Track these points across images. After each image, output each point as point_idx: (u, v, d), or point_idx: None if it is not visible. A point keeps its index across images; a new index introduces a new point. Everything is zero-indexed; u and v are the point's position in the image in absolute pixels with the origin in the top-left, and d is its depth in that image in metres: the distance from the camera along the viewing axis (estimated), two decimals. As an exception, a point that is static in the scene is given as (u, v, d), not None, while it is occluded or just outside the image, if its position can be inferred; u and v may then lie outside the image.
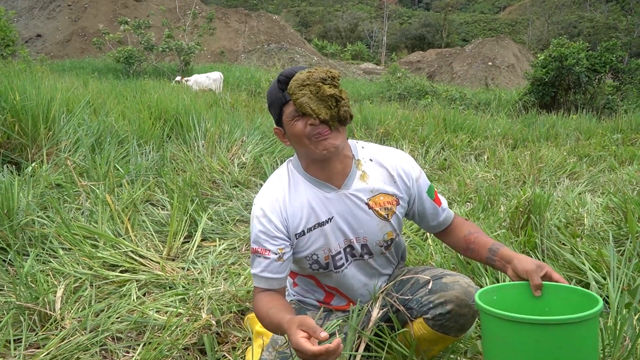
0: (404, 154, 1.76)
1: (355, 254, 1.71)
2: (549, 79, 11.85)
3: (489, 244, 1.64)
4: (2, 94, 3.87)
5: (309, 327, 1.27)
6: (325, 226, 1.64)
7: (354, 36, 59.09)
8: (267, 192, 1.64)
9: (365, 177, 1.66)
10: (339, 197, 1.63)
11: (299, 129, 1.51)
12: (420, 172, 1.74)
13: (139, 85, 8.93)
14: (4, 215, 2.69)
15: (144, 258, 2.71)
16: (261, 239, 1.59)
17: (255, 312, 1.59)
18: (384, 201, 1.67)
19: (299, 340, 1.24)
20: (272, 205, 1.61)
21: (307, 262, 1.68)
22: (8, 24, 12.61)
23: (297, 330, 1.27)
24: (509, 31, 59.56)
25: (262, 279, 1.59)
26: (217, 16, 28.16)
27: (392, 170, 1.68)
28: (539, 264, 1.48)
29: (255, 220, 1.61)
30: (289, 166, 1.70)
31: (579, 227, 3.26)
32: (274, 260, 1.58)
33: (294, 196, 1.63)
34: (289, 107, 1.52)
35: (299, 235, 1.63)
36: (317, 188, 1.63)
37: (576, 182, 4.91)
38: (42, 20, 30.65)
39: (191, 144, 4.99)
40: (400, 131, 6.39)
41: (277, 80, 1.54)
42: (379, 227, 1.68)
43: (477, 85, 25.80)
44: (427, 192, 1.73)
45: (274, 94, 1.56)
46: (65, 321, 2.06)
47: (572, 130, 8.08)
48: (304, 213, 1.62)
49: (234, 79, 14.98)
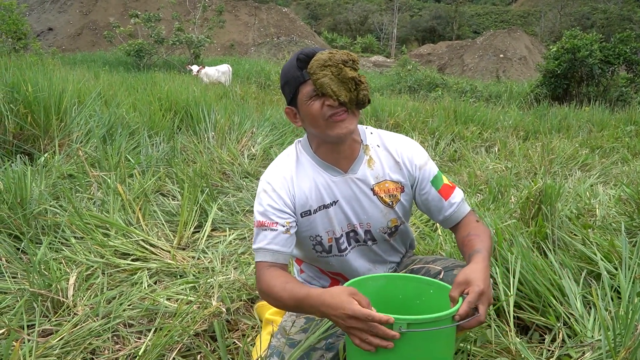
0: (411, 141, 1.75)
1: (359, 239, 1.71)
2: (562, 71, 11.73)
3: (473, 248, 1.55)
4: (15, 85, 3.91)
5: (357, 295, 1.28)
6: (329, 209, 1.64)
7: (364, 29, 58.80)
8: (276, 170, 1.65)
9: (372, 162, 1.66)
10: (345, 181, 1.64)
11: (316, 109, 1.50)
12: (427, 160, 1.71)
13: (150, 78, 8.97)
14: (18, 205, 2.72)
15: (155, 247, 2.73)
16: (269, 212, 1.58)
17: (265, 288, 1.51)
18: (389, 188, 1.67)
19: (357, 307, 1.24)
20: (281, 182, 1.61)
21: (311, 243, 1.68)
22: (20, 18, 12.69)
23: (349, 298, 1.26)
24: (521, 23, 58.95)
25: (268, 252, 1.55)
26: (226, 9, 28.17)
27: (397, 157, 1.68)
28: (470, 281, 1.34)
29: (263, 194, 1.60)
30: (298, 147, 1.70)
31: (591, 219, 3.23)
32: (281, 232, 1.56)
33: (301, 176, 1.64)
34: (306, 86, 1.51)
35: (304, 214, 1.63)
36: (324, 170, 1.64)
37: (588, 173, 4.86)
38: (53, 14, 30.81)
39: (201, 135, 5.01)
40: (410, 123, 6.37)
41: (295, 59, 1.52)
42: (382, 213, 1.68)
43: (488, 77, 25.59)
44: (431, 181, 1.69)
45: (290, 72, 1.54)
46: (78, 308, 2.08)
47: (584, 122, 8.00)
48: (310, 194, 1.63)
49: (244, 72, 14.98)
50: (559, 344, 1.97)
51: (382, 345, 1.23)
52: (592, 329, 1.97)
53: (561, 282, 2.20)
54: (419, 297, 1.51)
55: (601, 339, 1.77)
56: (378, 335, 1.23)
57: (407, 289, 1.53)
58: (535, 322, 2.12)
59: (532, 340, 2.08)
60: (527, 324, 2.16)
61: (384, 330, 1.22)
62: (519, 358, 1.87)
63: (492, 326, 2.02)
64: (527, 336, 2.10)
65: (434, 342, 1.27)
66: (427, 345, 1.26)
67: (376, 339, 1.23)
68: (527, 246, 2.42)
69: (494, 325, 2.02)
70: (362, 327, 1.23)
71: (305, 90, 1.51)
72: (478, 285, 1.32)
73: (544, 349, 1.96)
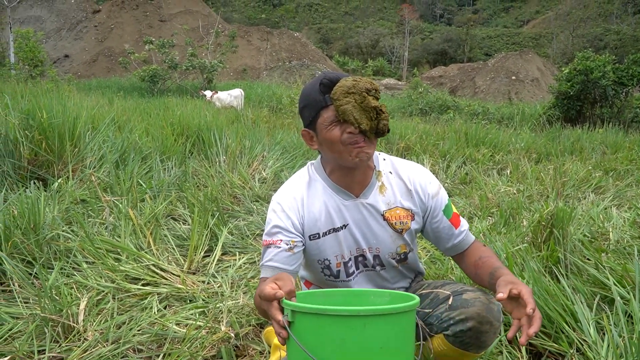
0: (423, 169, 1.76)
1: (367, 264, 1.71)
2: (574, 92, 11.70)
3: (493, 267, 1.59)
4: (30, 112, 3.98)
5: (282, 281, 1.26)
6: (339, 232, 1.65)
7: (375, 52, 59.32)
8: (287, 190, 1.67)
9: (384, 189, 1.67)
10: (356, 206, 1.65)
11: (336, 135, 1.52)
12: (439, 189, 1.72)
13: (162, 103, 9.10)
14: (31, 230, 2.76)
15: (165, 272, 2.74)
16: (275, 231, 1.60)
17: (254, 301, 1.55)
18: (400, 215, 1.68)
19: (266, 287, 1.22)
20: (290, 203, 1.63)
21: (319, 267, 1.69)
22: (37, 45, 13.01)
23: (270, 282, 1.26)
24: (533, 45, 59.09)
25: (268, 268, 1.58)
26: (239, 34, 28.61)
27: (410, 185, 1.69)
28: (515, 282, 1.42)
29: (272, 214, 1.63)
30: (311, 169, 1.72)
31: (605, 242, 3.19)
32: (284, 250, 1.58)
33: (312, 198, 1.65)
34: (327, 111, 1.52)
35: (313, 237, 1.65)
36: (336, 194, 1.65)
37: (602, 196, 4.82)
38: (69, 41, 31.50)
39: (213, 159, 5.05)
40: (421, 145, 6.37)
41: (319, 83, 1.53)
42: (392, 239, 1.68)
43: (500, 99, 25.57)
44: (443, 210, 1.71)
45: (312, 95, 1.55)
46: (88, 333, 2.09)
47: (597, 144, 7.95)
48: (321, 216, 1.64)
49: (256, 96, 15.14)
50: (572, 370, 1.93)
51: (277, 331, 1.20)
52: (606, 356, 1.93)
53: (574, 308, 2.17)
54: None
55: (615, 366, 1.73)
56: (274, 320, 1.21)
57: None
58: (547, 349, 2.09)
59: (545, 367, 2.05)
60: (539, 350, 2.12)
61: (274, 312, 1.20)
62: (531, 385, 1.84)
63: (503, 352, 2.00)
64: (540, 363, 2.07)
65: (332, 343, 1.15)
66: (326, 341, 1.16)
67: (275, 325, 1.21)
68: (538, 271, 2.39)
69: (505, 352, 2.00)
70: (265, 309, 1.24)
71: (327, 115, 1.52)
72: (522, 284, 1.39)
73: (557, 376, 1.93)
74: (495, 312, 1.58)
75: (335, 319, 1.14)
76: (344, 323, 1.14)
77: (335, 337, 1.15)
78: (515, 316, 1.42)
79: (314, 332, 1.16)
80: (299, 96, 1.61)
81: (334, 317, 1.14)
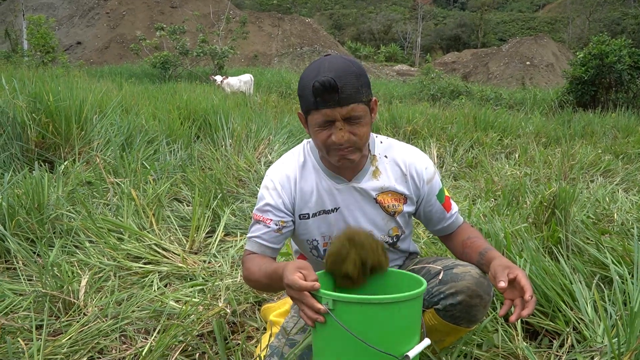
0: (420, 153, 1.75)
1: None
2: (589, 77, 11.50)
3: (482, 247, 1.62)
4: (37, 95, 4.02)
5: (306, 270, 1.32)
6: (329, 215, 1.65)
7: (387, 38, 58.81)
8: (281, 167, 1.67)
9: (378, 173, 1.66)
10: (348, 190, 1.65)
11: (322, 139, 1.51)
12: (434, 174, 1.73)
13: (170, 88, 9.12)
14: (35, 209, 2.80)
15: (167, 251, 2.77)
16: (266, 209, 1.62)
17: (245, 273, 1.61)
18: (392, 198, 1.67)
19: (294, 277, 1.29)
20: (283, 181, 1.64)
21: (308, 246, 1.71)
22: (48, 32, 13.08)
23: (295, 270, 1.31)
24: (548, 30, 58.19)
25: (256, 244, 1.63)
26: (250, 20, 28.50)
27: (405, 169, 1.68)
28: (510, 266, 1.45)
29: (265, 191, 1.64)
30: (307, 148, 1.71)
31: (609, 224, 3.17)
32: (272, 230, 1.62)
33: (304, 178, 1.65)
34: (317, 114, 1.48)
35: (302, 217, 1.66)
36: (328, 178, 1.65)
37: (610, 179, 4.77)
38: (81, 28, 31.63)
39: (219, 142, 5.07)
40: (428, 129, 6.33)
41: (312, 85, 1.44)
42: (384, 222, 1.69)
43: (514, 85, 25.28)
44: (437, 195, 1.72)
45: (306, 92, 1.48)
46: (88, 308, 2.12)
47: (609, 128, 7.84)
48: (312, 198, 1.64)
49: (266, 82, 15.13)
50: (567, 349, 1.93)
51: (314, 318, 1.28)
52: (602, 334, 1.93)
53: (572, 287, 2.16)
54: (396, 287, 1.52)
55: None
56: (309, 307, 1.28)
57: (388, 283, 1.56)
58: (544, 327, 2.09)
59: (542, 345, 2.04)
60: (536, 329, 2.12)
61: (312, 301, 1.27)
62: (526, 363, 1.84)
63: (499, 331, 2.00)
64: (537, 341, 2.07)
65: (374, 326, 1.27)
66: (367, 325, 1.27)
67: (308, 310, 1.28)
68: (537, 250, 2.38)
69: (501, 330, 2.00)
70: (298, 298, 1.29)
71: (315, 117, 1.49)
72: (517, 268, 1.43)
73: (552, 354, 1.93)
74: (485, 285, 1.59)
75: (376, 305, 1.27)
76: (384, 308, 1.27)
77: (375, 321, 1.27)
78: (508, 297, 1.43)
79: (355, 318, 1.26)
80: (300, 79, 1.57)
81: (375, 304, 1.27)
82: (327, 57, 1.52)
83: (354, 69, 1.47)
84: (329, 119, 1.47)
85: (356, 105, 1.47)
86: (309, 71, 1.50)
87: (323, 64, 1.47)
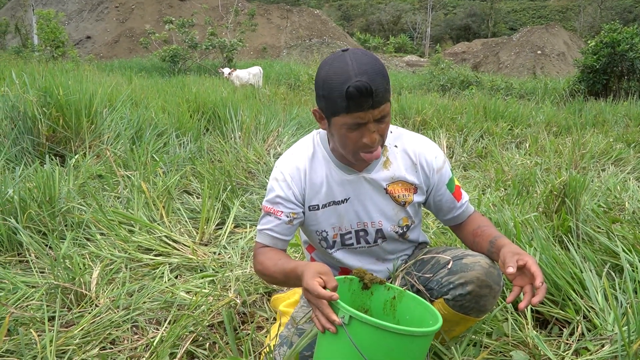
0: (429, 142, 1.74)
1: (369, 240, 1.71)
2: (600, 66, 11.36)
3: (492, 236, 1.62)
4: (47, 90, 4.05)
5: (326, 276, 1.35)
6: (340, 206, 1.65)
7: (397, 29, 58.44)
8: (291, 159, 1.66)
9: (388, 163, 1.66)
10: (359, 180, 1.64)
11: (352, 139, 1.48)
12: (444, 163, 1.72)
13: (180, 81, 9.15)
14: (46, 203, 2.83)
15: (177, 243, 2.79)
16: (277, 201, 1.62)
17: (259, 267, 1.61)
18: (403, 188, 1.67)
19: (314, 282, 1.31)
20: (293, 173, 1.63)
21: (317, 237, 1.71)
22: (58, 26, 13.14)
23: (315, 275, 1.34)
24: (560, 18, 57.49)
25: (267, 236, 1.64)
26: (258, 12, 28.45)
27: (415, 159, 1.67)
28: (520, 252, 1.45)
29: (275, 183, 1.64)
30: (316, 139, 1.69)
31: (620, 213, 3.14)
32: (284, 222, 1.62)
33: (314, 170, 1.64)
34: (348, 118, 1.43)
35: (312, 209, 1.65)
36: (339, 169, 1.64)
37: (622, 168, 4.72)
38: (91, 22, 31.72)
39: (228, 135, 5.08)
40: (437, 120, 6.30)
41: (345, 89, 1.39)
42: (394, 212, 1.68)
43: (524, 75, 25.02)
44: (447, 184, 1.72)
45: (335, 95, 1.42)
46: (100, 300, 2.15)
47: (621, 116, 7.76)
48: (322, 189, 1.64)
49: (275, 74, 15.11)
50: (577, 337, 1.92)
51: (327, 327, 1.30)
52: (613, 323, 1.92)
53: (582, 276, 2.16)
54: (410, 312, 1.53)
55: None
56: (324, 315, 1.30)
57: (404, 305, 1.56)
58: (554, 316, 2.08)
59: (552, 334, 2.04)
60: (546, 317, 2.12)
61: (328, 311, 1.29)
62: (535, 351, 1.84)
63: (509, 319, 2.00)
64: (547, 330, 2.06)
65: (383, 350, 1.27)
66: (376, 347, 1.28)
67: (322, 317, 1.30)
68: (547, 239, 2.37)
69: (510, 319, 2.00)
70: (315, 303, 1.32)
71: (345, 120, 1.44)
72: (527, 255, 1.43)
73: (562, 342, 1.92)
74: (495, 276, 1.58)
75: (391, 333, 1.26)
76: (397, 338, 1.27)
77: (385, 346, 1.27)
78: (517, 284, 1.43)
79: (367, 338, 1.27)
80: (319, 77, 1.47)
81: (390, 332, 1.26)
82: (347, 53, 1.45)
83: (379, 67, 1.43)
84: (361, 122, 1.44)
85: (386, 105, 1.45)
86: (336, 73, 1.41)
87: (351, 65, 1.40)
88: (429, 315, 1.44)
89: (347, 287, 1.55)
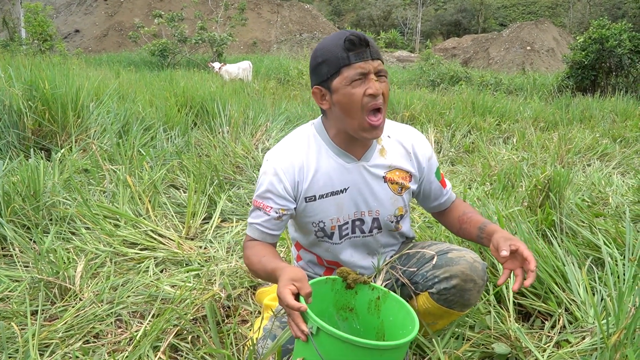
0: (416, 131, 1.77)
1: (364, 230, 1.71)
2: (589, 62, 11.45)
3: (480, 222, 1.65)
4: (33, 83, 4.01)
5: (300, 282, 1.34)
6: (338, 195, 1.64)
7: (387, 24, 58.38)
8: (284, 152, 1.63)
9: (384, 152, 1.67)
10: (358, 169, 1.64)
11: (357, 95, 1.48)
12: (432, 152, 1.77)
13: (168, 75, 9.09)
14: (31, 196, 2.81)
15: (163, 237, 2.78)
16: (267, 196, 1.61)
17: (246, 258, 1.63)
18: (399, 176, 1.69)
19: (285, 291, 1.31)
20: (286, 167, 1.60)
21: (313, 229, 1.69)
22: (46, 20, 12.99)
23: (288, 283, 1.33)
24: (549, 14, 57.71)
25: (256, 230, 1.64)
26: (249, 7, 28.32)
27: (409, 148, 1.70)
28: (512, 238, 1.48)
29: (265, 177, 1.62)
30: (312, 130, 1.68)
31: (604, 207, 3.18)
32: (272, 218, 1.62)
33: (311, 161, 1.62)
34: (350, 70, 1.47)
35: (309, 200, 1.63)
36: (338, 157, 1.63)
37: (607, 163, 4.77)
38: (79, 16, 31.40)
39: (216, 130, 5.07)
40: (426, 115, 6.31)
41: (344, 39, 1.47)
42: (392, 201, 1.69)
43: (514, 70, 25.11)
44: (435, 172, 1.76)
45: (334, 51, 1.49)
46: (84, 294, 2.14)
47: (607, 112, 7.82)
48: (320, 180, 1.62)
49: (265, 69, 15.07)
50: (559, 329, 1.95)
51: (297, 335, 1.31)
52: (594, 315, 1.94)
53: (564, 269, 2.18)
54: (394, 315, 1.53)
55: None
56: (295, 323, 1.31)
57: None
58: (537, 309, 2.10)
59: (534, 326, 2.06)
60: (529, 310, 2.14)
61: (298, 320, 1.30)
62: (517, 343, 1.86)
63: (491, 312, 2.01)
64: (529, 323, 2.09)
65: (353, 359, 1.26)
66: (344, 359, 1.27)
67: (293, 325, 1.31)
68: (529, 232, 2.39)
69: (493, 312, 2.01)
70: (286, 311, 1.33)
71: (348, 73, 1.47)
72: (519, 240, 1.46)
73: (544, 335, 1.94)
74: (479, 270, 1.60)
75: (358, 347, 1.25)
76: (366, 352, 1.25)
77: (353, 357, 1.26)
78: (508, 267, 1.47)
79: (335, 350, 1.27)
80: (315, 51, 1.55)
81: (358, 346, 1.24)
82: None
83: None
84: (363, 72, 1.47)
85: (381, 62, 1.51)
86: (330, 38, 1.53)
87: (343, 31, 1.52)
88: (409, 321, 1.43)
89: (330, 287, 1.55)
